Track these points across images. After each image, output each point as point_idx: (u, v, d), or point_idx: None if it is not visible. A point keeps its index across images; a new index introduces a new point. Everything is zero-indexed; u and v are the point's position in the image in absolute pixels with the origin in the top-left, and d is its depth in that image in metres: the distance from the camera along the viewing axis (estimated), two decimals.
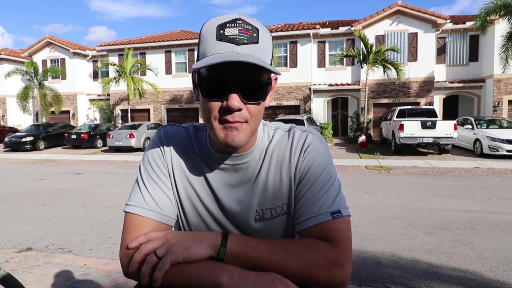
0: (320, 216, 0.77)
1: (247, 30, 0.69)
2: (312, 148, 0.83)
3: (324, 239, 0.76)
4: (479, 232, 4.46)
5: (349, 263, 0.75)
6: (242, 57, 0.66)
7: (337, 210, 0.78)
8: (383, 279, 3.19)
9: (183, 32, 24.04)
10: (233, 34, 0.69)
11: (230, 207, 0.84)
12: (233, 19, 0.70)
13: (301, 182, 0.81)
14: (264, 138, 0.86)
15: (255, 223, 0.84)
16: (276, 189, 0.83)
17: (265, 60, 0.71)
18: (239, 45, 0.69)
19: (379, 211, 5.48)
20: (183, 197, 0.86)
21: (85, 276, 3.24)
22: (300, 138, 0.84)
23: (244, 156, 0.83)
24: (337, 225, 0.77)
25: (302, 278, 0.73)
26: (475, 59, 18.84)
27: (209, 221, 0.86)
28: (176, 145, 0.87)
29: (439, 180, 8.19)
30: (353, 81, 19.53)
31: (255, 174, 0.83)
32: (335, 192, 0.80)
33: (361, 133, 15.90)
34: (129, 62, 19.23)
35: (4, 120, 24.69)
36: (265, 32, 0.73)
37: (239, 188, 0.84)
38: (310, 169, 0.81)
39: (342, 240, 0.76)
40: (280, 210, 0.84)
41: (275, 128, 0.88)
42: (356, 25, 18.39)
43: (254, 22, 0.71)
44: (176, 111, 22.14)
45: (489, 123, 13.23)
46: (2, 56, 23.98)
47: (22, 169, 11.20)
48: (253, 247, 0.73)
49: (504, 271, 3.34)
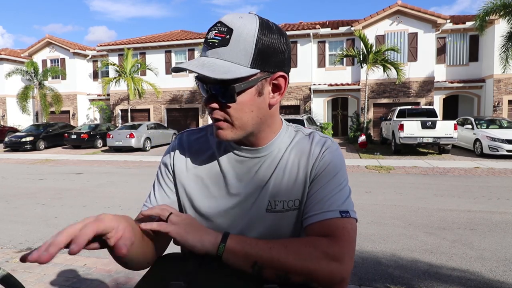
0: (329, 212, 0.79)
1: (222, 32, 0.73)
2: (330, 151, 0.86)
3: (328, 236, 0.77)
4: (479, 232, 4.46)
5: (349, 260, 0.75)
6: (192, 64, 0.73)
7: (346, 210, 0.80)
8: (383, 279, 3.19)
9: (183, 32, 24.05)
10: (210, 38, 0.75)
11: (243, 196, 0.86)
12: (215, 22, 0.75)
13: (316, 179, 0.84)
14: (285, 136, 0.90)
15: (266, 213, 0.85)
16: (291, 183, 0.85)
17: (237, 60, 0.73)
18: (210, 49, 0.74)
19: (379, 211, 5.48)
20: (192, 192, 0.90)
21: (85, 276, 3.24)
22: (319, 141, 0.88)
23: (262, 149, 0.86)
24: (344, 224, 0.79)
25: (302, 274, 0.73)
26: (475, 59, 18.84)
27: (221, 211, 0.88)
28: (186, 149, 0.94)
29: (439, 180, 8.19)
30: (353, 81, 19.53)
31: (273, 168, 0.86)
32: (345, 195, 0.83)
33: (361, 133, 15.90)
34: (129, 62, 19.23)
35: (4, 120, 24.69)
36: (246, 31, 0.73)
37: (254, 178, 0.86)
38: (326, 169, 0.84)
39: (346, 237, 0.77)
40: (292, 204, 0.85)
41: (297, 130, 0.93)
42: (356, 25, 18.39)
43: (234, 22, 0.73)
44: (176, 111, 22.14)
45: (489, 123, 13.22)
46: (2, 56, 23.98)
47: (22, 169, 11.20)
48: (252, 245, 0.74)
49: (504, 271, 3.34)
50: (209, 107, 0.78)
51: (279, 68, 0.79)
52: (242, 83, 0.75)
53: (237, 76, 0.72)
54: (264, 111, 0.81)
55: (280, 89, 0.81)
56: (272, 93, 0.81)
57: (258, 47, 0.74)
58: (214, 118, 0.79)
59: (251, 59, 0.74)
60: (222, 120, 0.78)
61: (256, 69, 0.75)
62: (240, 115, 0.78)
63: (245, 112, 0.78)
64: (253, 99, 0.77)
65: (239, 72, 0.72)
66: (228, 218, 0.87)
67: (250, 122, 0.80)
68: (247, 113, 0.78)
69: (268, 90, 0.80)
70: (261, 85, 0.78)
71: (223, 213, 0.87)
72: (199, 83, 0.80)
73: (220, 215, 0.87)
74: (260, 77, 0.77)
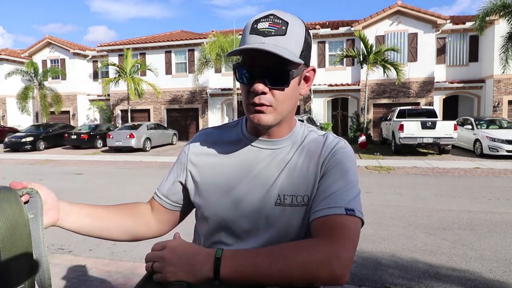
0: (334, 208, 0.80)
1: (277, 23, 0.79)
2: (342, 151, 0.88)
3: (330, 232, 0.77)
4: (479, 232, 4.46)
5: (349, 258, 0.74)
6: (263, 46, 0.76)
7: (352, 208, 0.80)
8: (383, 279, 3.19)
9: (183, 32, 24.05)
10: (263, 28, 0.78)
11: (254, 188, 0.88)
12: (267, 14, 0.80)
13: (325, 176, 0.86)
14: (299, 133, 0.93)
15: (275, 206, 0.86)
16: (301, 178, 0.87)
17: (292, 50, 0.79)
18: (266, 37, 0.78)
19: (379, 212, 5.48)
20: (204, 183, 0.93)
21: (85, 276, 3.24)
22: (333, 141, 0.90)
23: (277, 142, 0.90)
24: (347, 221, 0.78)
25: (305, 281, 0.73)
26: (475, 59, 18.84)
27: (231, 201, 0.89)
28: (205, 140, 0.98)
29: (439, 180, 8.19)
30: (353, 81, 19.54)
31: (285, 161, 0.89)
32: (354, 194, 0.83)
33: (361, 133, 15.90)
34: (129, 62, 19.22)
35: (4, 121, 24.69)
36: (297, 26, 0.81)
37: (266, 170, 0.88)
38: (336, 167, 0.86)
39: (347, 235, 0.76)
40: (301, 200, 0.86)
41: (311, 130, 0.96)
42: (356, 25, 18.40)
43: (286, 17, 0.80)
44: (176, 111, 22.14)
45: (489, 123, 13.23)
46: (2, 56, 23.98)
47: (22, 170, 11.20)
48: (250, 264, 0.73)
49: (504, 271, 3.34)
50: (260, 91, 0.80)
51: (309, 61, 0.87)
52: (296, 70, 0.81)
53: (298, 61, 0.79)
54: (296, 100, 0.88)
55: (309, 80, 0.89)
56: (303, 84, 0.89)
57: (305, 42, 0.82)
58: (260, 103, 0.81)
59: (300, 50, 0.81)
60: (269, 105, 0.82)
61: (302, 60, 0.81)
62: (286, 100, 0.84)
63: (289, 99, 0.84)
64: (295, 87, 0.85)
65: (298, 60, 0.79)
66: (238, 209, 0.88)
67: (287, 109, 0.86)
68: (289, 100, 0.85)
69: (301, 80, 0.87)
70: (301, 75, 0.86)
71: (233, 204, 0.89)
72: (241, 70, 0.82)
73: (229, 206, 0.89)
74: (302, 68, 0.84)
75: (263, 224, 0.87)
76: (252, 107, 0.83)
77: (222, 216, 0.89)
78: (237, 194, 0.89)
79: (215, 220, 0.90)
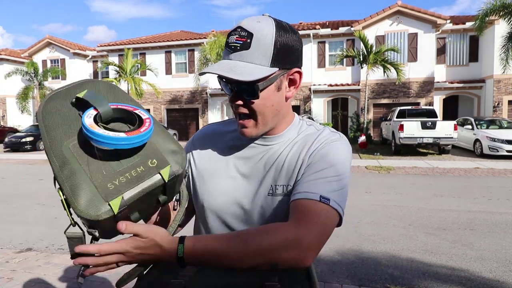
0: (310, 193, 0.79)
1: (242, 37, 0.81)
2: (334, 145, 0.88)
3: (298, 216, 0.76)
4: (479, 232, 4.46)
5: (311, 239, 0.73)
6: (219, 68, 0.80)
7: (328, 197, 0.79)
8: (383, 279, 3.19)
9: (183, 32, 24.05)
10: (232, 42, 0.82)
11: (248, 180, 0.91)
12: (235, 27, 0.82)
13: (310, 164, 0.86)
14: (296, 128, 0.95)
15: (268, 196, 0.89)
16: (290, 168, 0.88)
17: (259, 61, 0.80)
18: (232, 53, 0.82)
19: (379, 212, 5.48)
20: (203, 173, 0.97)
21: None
22: (327, 134, 0.91)
23: (273, 138, 0.93)
24: (319, 208, 0.77)
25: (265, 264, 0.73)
26: (475, 60, 18.84)
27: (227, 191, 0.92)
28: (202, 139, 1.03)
29: (439, 180, 8.19)
30: (353, 81, 19.53)
31: (277, 154, 0.91)
32: (337, 187, 0.81)
33: (361, 133, 15.90)
34: (129, 62, 19.22)
35: (4, 121, 24.69)
36: (264, 34, 0.80)
37: (260, 164, 0.92)
38: (323, 158, 0.85)
39: (315, 221, 0.75)
40: (291, 189, 0.87)
41: (310, 124, 0.97)
42: (356, 25, 18.40)
43: (253, 26, 0.80)
44: (176, 111, 22.14)
45: (489, 123, 13.23)
46: (2, 56, 23.98)
47: (22, 170, 11.20)
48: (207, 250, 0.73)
49: (504, 271, 3.34)
50: (235, 104, 0.86)
51: (294, 64, 0.86)
52: (264, 81, 0.82)
53: (261, 76, 0.80)
54: (282, 104, 0.89)
55: (296, 83, 0.89)
56: (288, 87, 0.89)
57: (276, 47, 0.81)
58: (240, 113, 0.87)
59: (270, 59, 0.81)
60: (247, 116, 0.86)
61: (275, 67, 0.82)
62: (263, 109, 0.86)
63: (267, 107, 0.86)
64: (273, 94, 0.85)
65: (262, 73, 0.80)
66: (233, 199, 0.91)
67: (271, 116, 0.88)
68: (268, 107, 0.86)
69: (285, 84, 0.87)
70: (280, 81, 0.85)
71: (228, 194, 0.92)
72: (222, 83, 0.86)
73: (225, 196, 0.92)
74: (279, 74, 0.84)
75: (257, 214, 0.89)
76: (237, 117, 0.89)
77: (218, 204, 0.92)
78: (233, 184, 0.92)
79: (210, 210, 0.93)
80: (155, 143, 0.77)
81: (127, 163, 0.72)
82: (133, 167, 0.72)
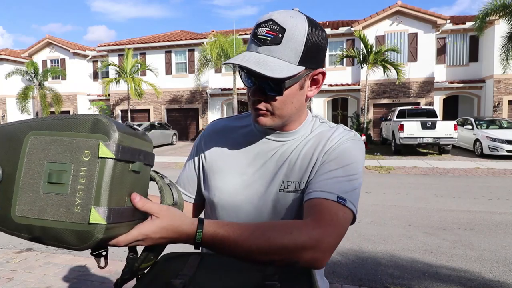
0: (326, 193, 0.79)
1: (274, 31, 0.77)
2: (349, 144, 0.87)
3: (317, 216, 0.76)
4: (479, 232, 4.46)
5: (331, 241, 0.73)
6: (248, 62, 0.77)
7: (344, 198, 0.79)
8: (383, 279, 3.19)
9: (183, 33, 24.05)
10: (261, 35, 0.78)
11: (261, 176, 0.91)
12: (266, 19, 0.79)
13: (325, 162, 0.85)
14: (310, 125, 0.94)
15: (279, 192, 0.88)
16: (304, 165, 0.88)
17: (288, 58, 0.78)
18: (261, 46, 0.78)
19: (379, 212, 5.48)
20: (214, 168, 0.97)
21: (85, 276, 3.24)
22: (342, 132, 0.90)
23: (286, 134, 0.92)
24: (336, 209, 0.78)
25: (284, 260, 0.72)
26: (475, 60, 18.84)
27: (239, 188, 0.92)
28: (217, 130, 1.02)
29: (439, 180, 8.19)
30: (353, 81, 19.54)
31: (290, 151, 0.91)
32: (351, 187, 0.82)
33: (361, 133, 15.90)
34: (129, 62, 19.22)
35: (4, 121, 24.68)
36: (297, 30, 0.78)
37: (273, 160, 0.91)
38: (339, 157, 0.85)
39: (334, 222, 0.75)
40: (304, 187, 0.87)
41: (323, 122, 0.96)
42: (356, 25, 18.40)
43: (286, 21, 0.77)
44: (176, 111, 22.14)
45: (489, 123, 13.23)
46: (2, 56, 23.97)
47: None
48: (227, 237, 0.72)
49: (504, 271, 3.34)
50: (256, 98, 0.83)
51: (319, 64, 0.84)
52: (291, 79, 0.80)
53: (290, 74, 0.77)
54: (301, 102, 0.87)
55: (318, 83, 0.88)
56: (310, 87, 0.87)
57: (306, 46, 0.79)
58: (258, 107, 0.84)
59: (299, 57, 0.79)
60: (265, 111, 0.84)
61: (302, 66, 0.80)
62: (283, 106, 0.84)
63: (288, 104, 0.85)
64: (295, 92, 0.84)
65: (291, 71, 0.78)
66: (244, 195, 0.91)
67: (289, 113, 0.86)
68: (289, 105, 0.85)
69: (308, 84, 0.86)
70: (304, 80, 0.84)
71: (239, 190, 0.91)
72: (244, 75, 0.84)
73: (236, 192, 0.92)
74: (304, 74, 0.82)
75: (268, 210, 0.89)
76: (252, 108, 0.86)
77: (229, 200, 0.92)
78: (244, 180, 0.92)
79: (221, 206, 0.93)
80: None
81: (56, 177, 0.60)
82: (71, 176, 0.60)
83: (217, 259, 0.78)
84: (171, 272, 0.77)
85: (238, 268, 0.75)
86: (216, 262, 0.79)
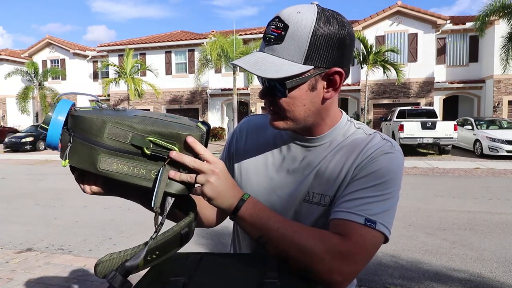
0: (354, 215, 0.75)
1: (278, 28, 0.74)
2: (386, 156, 0.80)
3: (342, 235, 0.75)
4: (479, 232, 4.46)
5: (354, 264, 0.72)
6: (247, 63, 0.76)
7: (374, 221, 0.74)
8: (383, 279, 3.19)
9: (183, 33, 24.06)
10: (267, 33, 0.76)
11: (286, 183, 0.88)
12: (274, 17, 0.75)
13: (355, 179, 0.80)
14: (342, 130, 0.87)
15: (303, 202, 0.85)
16: (332, 177, 0.82)
17: (291, 57, 0.74)
18: (267, 46, 0.76)
19: None
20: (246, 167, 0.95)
21: (85, 276, 3.24)
22: (378, 142, 0.82)
23: (315, 139, 0.86)
24: (363, 232, 0.74)
25: (302, 264, 0.72)
26: (475, 60, 18.85)
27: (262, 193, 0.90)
28: (248, 129, 1.00)
29: (439, 180, 8.19)
30: (353, 81, 19.54)
31: (320, 159, 0.85)
32: (383, 208, 0.76)
33: None
34: (129, 63, 19.23)
35: (4, 121, 24.69)
36: (301, 26, 0.72)
37: (300, 166, 0.87)
38: (372, 173, 0.79)
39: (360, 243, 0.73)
40: (329, 200, 0.82)
41: (359, 127, 0.89)
42: (356, 25, 18.40)
43: (291, 17, 0.73)
44: (176, 111, 22.13)
45: (489, 123, 13.23)
46: (2, 56, 23.99)
47: (22, 170, 11.20)
48: (263, 218, 0.75)
49: (504, 272, 3.34)
50: (265, 100, 0.82)
51: (335, 63, 0.75)
52: (293, 79, 0.75)
53: (287, 74, 0.73)
54: (317, 105, 0.80)
55: (336, 84, 0.79)
56: (327, 88, 0.79)
57: (312, 43, 0.72)
58: (269, 109, 0.83)
59: (304, 55, 0.73)
60: (274, 112, 0.82)
61: (310, 65, 0.74)
62: (292, 108, 0.79)
63: (297, 106, 0.79)
64: (305, 94, 0.77)
65: (291, 70, 0.73)
66: (269, 201, 0.87)
67: (302, 115, 0.80)
68: (299, 107, 0.79)
69: (322, 85, 0.78)
70: (314, 80, 0.77)
71: (264, 194, 0.89)
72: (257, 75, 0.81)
73: (260, 196, 0.88)
74: (313, 74, 0.75)
75: (289, 217, 0.85)
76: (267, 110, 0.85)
77: None
78: (271, 185, 0.90)
79: None
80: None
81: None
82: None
83: (216, 259, 0.78)
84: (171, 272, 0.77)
85: (237, 268, 0.75)
86: (216, 262, 0.79)
